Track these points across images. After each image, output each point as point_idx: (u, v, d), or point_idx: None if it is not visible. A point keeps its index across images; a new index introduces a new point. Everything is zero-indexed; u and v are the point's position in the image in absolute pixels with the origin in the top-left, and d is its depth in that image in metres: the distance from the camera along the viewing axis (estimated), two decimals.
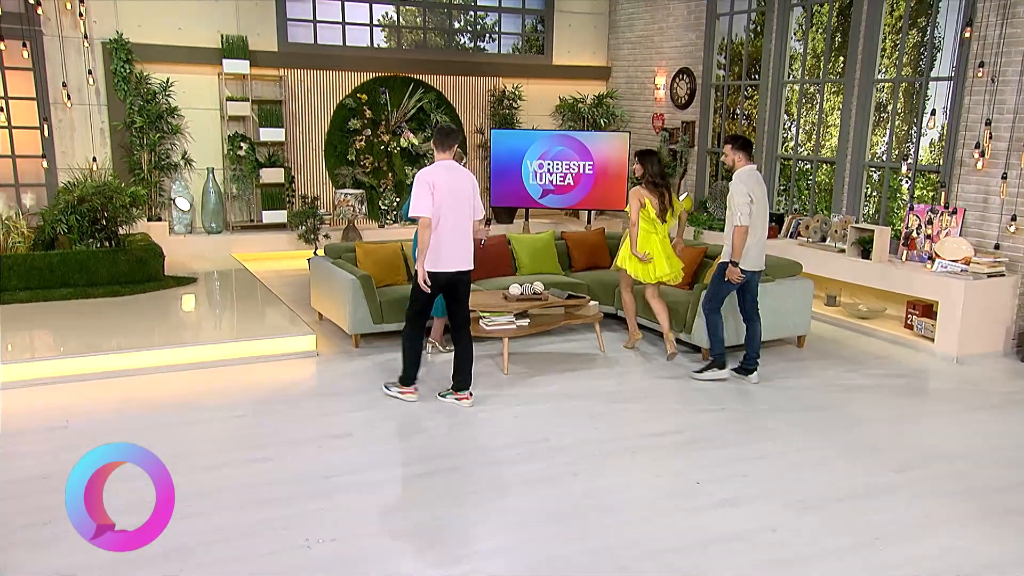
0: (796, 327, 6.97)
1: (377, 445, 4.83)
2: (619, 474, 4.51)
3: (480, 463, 4.60)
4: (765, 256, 6.17)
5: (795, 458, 4.78)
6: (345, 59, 10.71)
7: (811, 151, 9.62)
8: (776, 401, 5.76)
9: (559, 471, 4.52)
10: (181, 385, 5.79)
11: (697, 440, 5.01)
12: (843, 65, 8.85)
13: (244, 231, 10.34)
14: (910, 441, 5.10)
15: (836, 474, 4.58)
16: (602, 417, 5.38)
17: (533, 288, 6.54)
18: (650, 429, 5.19)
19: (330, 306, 7.13)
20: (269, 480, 4.32)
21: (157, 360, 6.05)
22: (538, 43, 12.16)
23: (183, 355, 6.14)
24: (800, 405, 5.71)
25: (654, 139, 11.36)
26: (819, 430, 5.22)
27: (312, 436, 4.94)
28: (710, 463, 4.67)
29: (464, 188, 5.27)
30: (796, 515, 4.08)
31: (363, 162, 10.78)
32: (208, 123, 10.20)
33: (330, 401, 5.57)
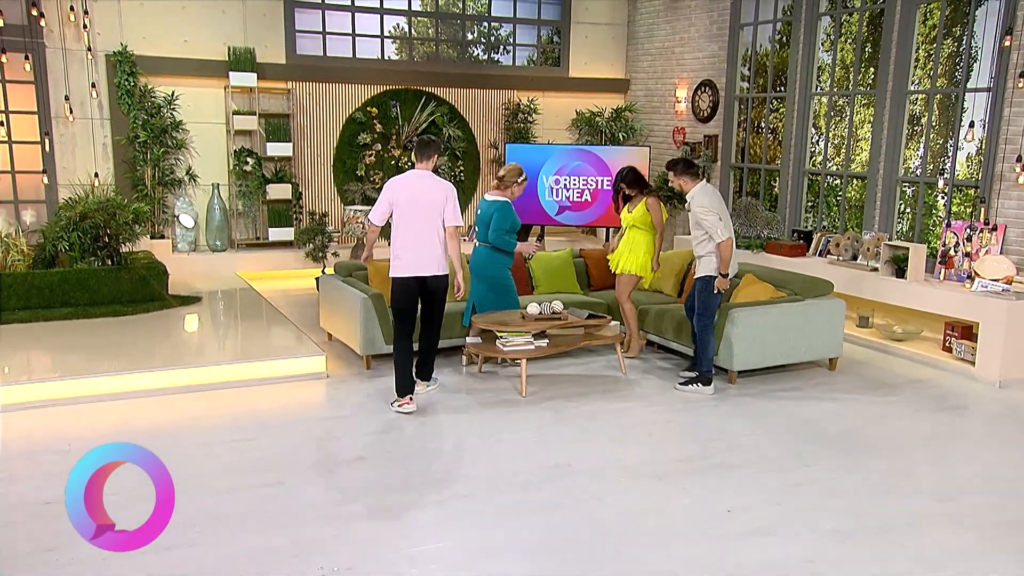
0: (828, 349, 6.96)
1: (392, 469, 4.84)
2: (645, 499, 4.50)
3: (500, 488, 4.60)
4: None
5: (830, 485, 4.75)
6: (355, 71, 10.84)
7: (840, 166, 9.65)
8: (808, 426, 5.75)
9: (582, 496, 4.52)
10: (187, 407, 5.83)
11: (726, 465, 5.00)
12: (874, 76, 8.90)
13: (250, 249, 10.43)
14: (951, 470, 5.07)
15: (874, 502, 4.55)
16: (625, 441, 5.38)
17: (552, 307, 6.57)
18: (676, 453, 5.18)
19: (340, 326, 7.17)
20: (281, 505, 4.34)
21: (161, 382, 6.10)
22: (554, 55, 12.28)
23: (188, 377, 6.18)
24: (833, 431, 5.68)
25: (675, 154, 11.42)
26: (854, 457, 5.20)
27: (324, 460, 4.96)
28: (740, 489, 4.65)
29: (432, 196, 5.64)
30: (834, 544, 4.06)
31: (373, 178, 10.87)
32: (213, 137, 10.33)
33: (342, 424, 5.60)
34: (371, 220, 5.87)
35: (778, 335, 6.66)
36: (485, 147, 11.71)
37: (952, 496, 4.65)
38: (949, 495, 4.66)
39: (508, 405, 6.04)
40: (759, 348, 6.59)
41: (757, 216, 9.87)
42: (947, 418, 6.03)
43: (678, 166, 6.32)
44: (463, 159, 11.42)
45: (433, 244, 5.64)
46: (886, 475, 4.92)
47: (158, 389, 6.06)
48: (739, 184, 10.77)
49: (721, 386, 6.58)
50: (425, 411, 5.87)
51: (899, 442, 5.49)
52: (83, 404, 5.80)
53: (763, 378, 6.80)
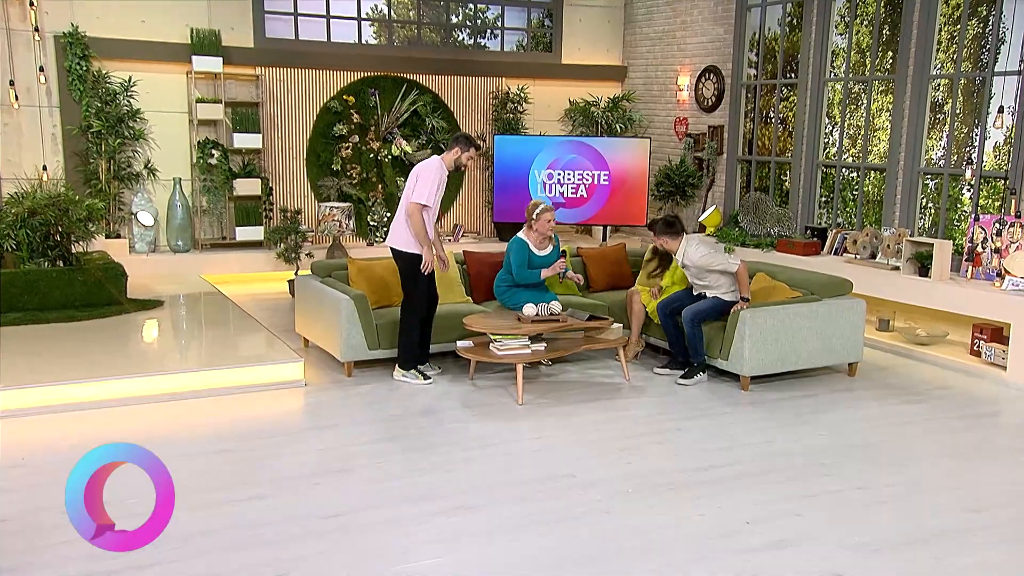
0: (847, 353, 7.05)
1: (382, 482, 4.87)
2: (657, 512, 4.55)
3: (500, 500, 4.64)
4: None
5: (854, 496, 4.82)
6: (330, 57, 10.88)
7: (856, 158, 9.77)
8: (828, 435, 5.82)
9: (589, 508, 4.57)
10: (153, 418, 5.83)
11: (742, 476, 5.06)
12: (892, 60, 9.03)
13: (215, 250, 10.42)
14: (984, 479, 5.15)
15: (903, 514, 4.62)
16: (633, 451, 5.43)
17: (550, 308, 6.62)
18: (688, 464, 5.24)
19: (319, 331, 7.19)
20: (265, 520, 4.35)
21: (124, 392, 6.09)
22: (545, 40, 12.37)
23: (153, 386, 6.18)
24: (855, 439, 5.77)
25: (677, 146, 11.54)
26: (878, 466, 5.28)
27: (309, 472, 4.98)
28: (758, 501, 4.71)
29: (412, 175, 6.56)
30: (862, 558, 4.12)
31: (350, 172, 10.90)
32: (175, 128, 10.32)
33: (326, 434, 5.62)
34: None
35: (793, 338, 6.74)
36: None
37: (983, 508, 4.73)
38: (980, 507, 4.74)
39: (504, 413, 6.09)
40: (773, 352, 6.67)
41: (767, 213, 9.98)
42: (977, 426, 6.13)
43: (656, 227, 6.91)
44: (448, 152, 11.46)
45: (399, 220, 6.57)
46: (913, 486, 5.00)
47: (120, 399, 6.04)
48: (747, 178, 10.89)
49: (733, 392, 6.66)
50: (414, 420, 5.90)
51: (925, 451, 5.57)
52: (35, 416, 5.79)
53: (777, 384, 6.88)
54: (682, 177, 10.99)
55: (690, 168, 11.09)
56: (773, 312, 6.70)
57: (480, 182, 11.89)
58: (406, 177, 11.10)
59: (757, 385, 6.81)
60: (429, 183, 6.40)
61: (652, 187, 11.17)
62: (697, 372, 6.87)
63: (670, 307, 7.03)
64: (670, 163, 11.31)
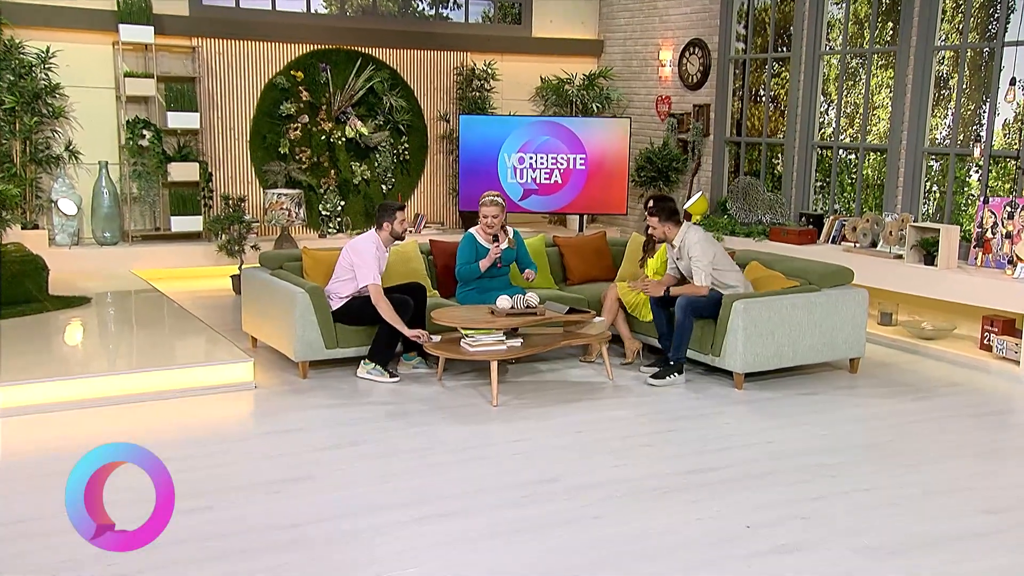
0: (848, 348, 7.17)
1: (348, 489, 4.87)
2: (651, 517, 4.60)
3: (479, 507, 4.66)
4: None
5: (861, 499, 4.91)
6: (276, 27, 10.83)
7: (855, 138, 9.94)
8: (831, 435, 5.92)
9: (578, 514, 4.61)
10: (86, 425, 5.77)
11: (740, 478, 5.13)
12: (893, 31, 9.20)
13: (147, 242, 10.33)
14: (999, 480, 5.27)
15: (915, 516, 4.72)
16: (621, 453, 5.48)
17: (527, 301, 6.65)
18: (682, 465, 5.30)
19: (269, 328, 7.16)
20: (216, 533, 4.33)
21: (47, 396, 6.00)
22: (514, 11, 12.42)
23: (82, 390, 6.11)
24: (860, 439, 5.88)
25: (659, 127, 11.64)
26: (886, 467, 5.38)
27: (263, 481, 4.96)
28: (759, 504, 4.79)
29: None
30: (873, 563, 4.20)
31: (299, 156, 10.86)
32: (100, 105, 10.21)
33: (280, 440, 5.61)
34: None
35: (791, 331, 6.84)
36: (434, 120, 11.77)
37: (998, 510, 4.83)
38: (995, 509, 4.85)
39: (478, 416, 6.12)
40: (769, 347, 6.76)
41: (757, 199, 10.12)
42: (989, 425, 6.27)
43: (657, 208, 6.99)
44: (407, 134, 11.47)
45: (336, 281, 6.99)
46: (922, 487, 5.10)
47: (43, 405, 5.96)
48: (735, 162, 11.02)
49: (726, 391, 6.74)
50: (378, 424, 5.92)
51: (934, 452, 5.69)
52: None
53: (774, 381, 6.98)
54: (665, 161, 11.09)
55: (674, 151, 11.19)
56: (768, 303, 6.79)
57: (444, 167, 11.90)
58: (362, 162, 11.18)
59: (752, 383, 6.90)
60: (368, 261, 6.73)
61: (633, 172, 11.26)
62: (671, 372, 6.87)
63: (662, 297, 7.09)
64: (652, 146, 11.41)
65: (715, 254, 6.95)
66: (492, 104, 11.87)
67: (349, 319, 6.85)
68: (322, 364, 7.00)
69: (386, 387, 6.66)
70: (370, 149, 11.23)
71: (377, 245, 6.88)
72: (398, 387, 6.67)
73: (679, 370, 6.89)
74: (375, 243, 6.88)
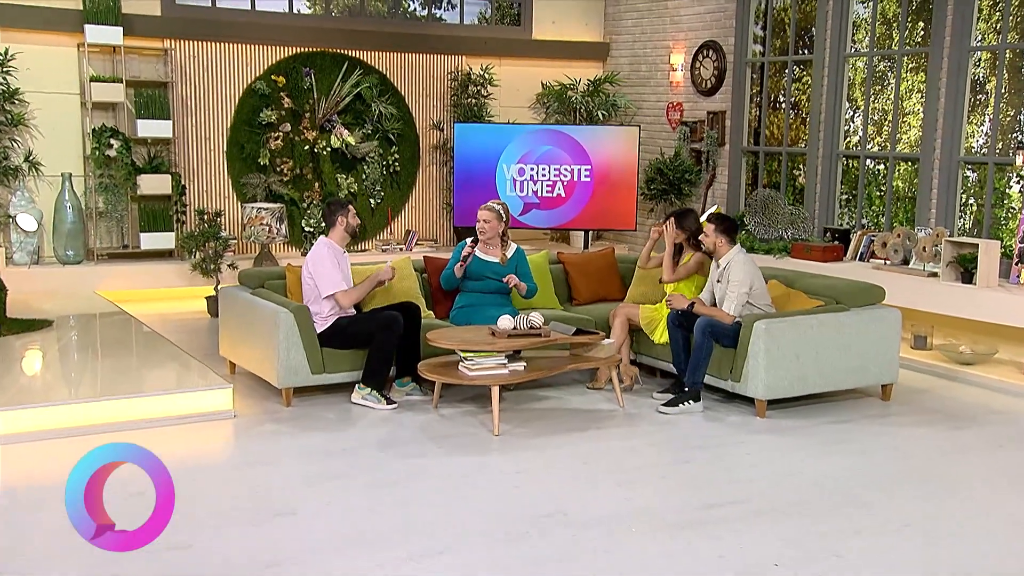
0: (880, 373, 7.16)
1: (335, 524, 4.86)
2: (667, 554, 4.59)
3: (476, 543, 4.66)
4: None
5: (905, 534, 4.91)
6: (255, 28, 10.89)
7: (883, 146, 9.98)
8: (862, 466, 5.92)
9: (585, 548, 4.60)
10: (53, 456, 5.75)
11: (765, 512, 5.13)
12: (924, 32, 9.25)
13: (114, 261, 10.32)
14: None
15: (958, 554, 4.71)
16: (633, 485, 5.48)
17: (530, 321, 6.66)
18: (700, 499, 5.30)
19: (250, 353, 7.16)
20: (192, 572, 4.32)
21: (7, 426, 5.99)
22: (513, 12, 12.51)
23: (43, 419, 6.09)
24: (897, 470, 5.87)
25: (670, 136, 11.69)
26: (925, 500, 5.37)
27: (242, 516, 4.96)
28: (788, 540, 4.78)
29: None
30: None
31: (280, 167, 10.89)
32: (64, 112, 10.22)
33: (262, 472, 5.60)
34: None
35: (817, 354, 6.84)
36: (427, 128, 11.82)
37: None
38: None
39: (477, 445, 6.11)
40: (794, 371, 6.76)
41: (778, 213, 10.15)
42: None
43: (724, 223, 7.09)
44: (398, 144, 11.50)
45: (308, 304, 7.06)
46: (966, 522, 5.09)
47: (5, 436, 5.94)
48: (753, 173, 11.06)
49: (746, 419, 6.74)
50: (368, 454, 5.92)
51: (975, 484, 5.69)
52: None
53: (799, 409, 6.97)
54: (677, 172, 11.14)
55: (686, 162, 11.24)
56: (792, 323, 6.80)
57: (438, 180, 11.94)
58: (348, 174, 11.21)
59: (775, 411, 6.89)
60: (327, 269, 6.82)
61: (642, 184, 11.30)
62: (686, 399, 6.85)
63: (680, 317, 7.03)
64: (662, 156, 11.46)
65: (754, 286, 6.96)
66: (489, 112, 11.92)
67: (337, 342, 6.85)
68: (307, 391, 6.98)
69: (377, 415, 6.65)
70: (357, 160, 11.26)
71: (330, 247, 6.93)
72: (390, 415, 6.67)
73: (695, 397, 6.88)
74: (327, 246, 6.93)
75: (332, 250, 6.92)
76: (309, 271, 6.89)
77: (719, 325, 6.83)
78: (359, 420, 6.58)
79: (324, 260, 6.83)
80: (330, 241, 7.00)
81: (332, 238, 7.03)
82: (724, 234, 7.04)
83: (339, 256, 6.94)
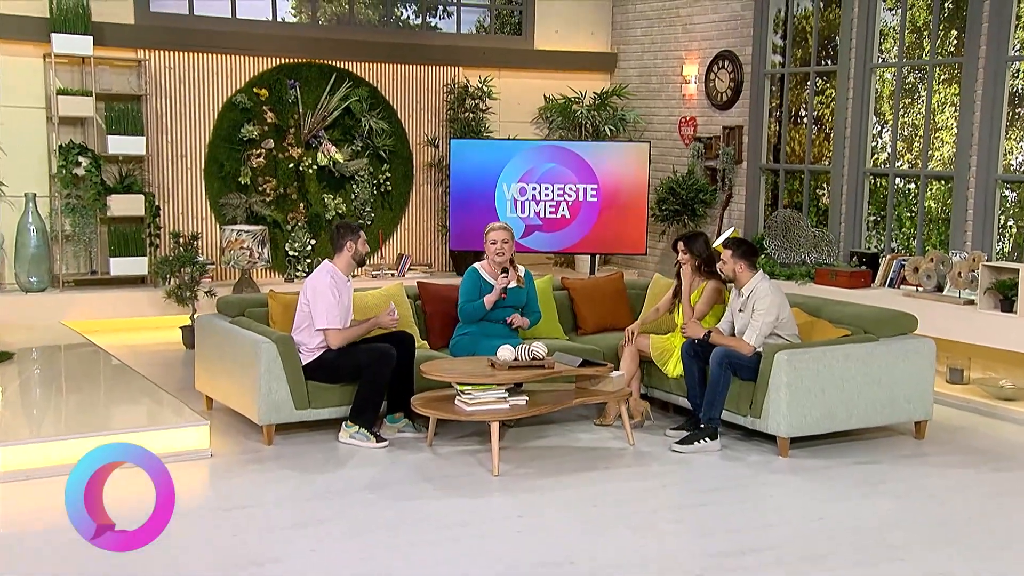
0: (913, 409, 7.13)
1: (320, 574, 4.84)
2: None
3: None
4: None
5: None
6: (236, 38, 10.93)
7: (914, 164, 10.00)
8: (895, 511, 5.89)
9: None
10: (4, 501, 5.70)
11: (788, 562, 5.09)
12: (957, 41, 9.30)
13: (82, 288, 10.32)
14: None
15: None
16: (646, 531, 5.45)
17: (532, 351, 6.64)
18: (719, 546, 5.27)
19: (228, 387, 7.14)
20: None
21: None
22: (513, 20, 12.57)
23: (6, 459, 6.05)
24: (930, 516, 5.83)
25: (683, 153, 11.71)
26: (963, 549, 5.34)
27: (219, 565, 4.93)
28: None
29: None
30: None
31: (262, 187, 10.90)
32: (28, 128, 10.23)
33: (240, 517, 5.57)
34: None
35: (844, 389, 6.81)
36: (421, 145, 11.84)
37: None
38: None
39: (476, 487, 6.08)
40: (819, 407, 6.73)
41: (800, 235, 10.14)
42: None
43: (742, 247, 7.11)
44: (389, 162, 11.52)
45: (297, 332, 7.03)
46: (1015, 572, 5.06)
47: None
48: (773, 192, 11.07)
49: (767, 459, 6.71)
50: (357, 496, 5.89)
51: (1019, 531, 5.66)
52: None
53: (824, 448, 6.94)
54: (691, 192, 11.15)
55: (700, 180, 11.25)
56: (817, 355, 6.77)
57: (433, 200, 11.95)
58: (335, 194, 11.21)
59: (799, 449, 6.86)
60: (326, 301, 6.76)
61: (653, 205, 11.32)
62: (702, 437, 6.83)
63: (696, 347, 7.04)
64: (675, 174, 11.47)
65: (781, 316, 6.95)
66: (488, 127, 11.95)
67: (323, 375, 6.83)
68: (291, 428, 6.95)
69: (367, 455, 6.61)
70: (345, 179, 11.27)
71: (333, 275, 6.87)
72: (381, 454, 6.63)
73: (711, 434, 6.85)
74: (330, 274, 6.87)
75: (335, 279, 6.86)
76: (307, 297, 6.85)
77: (738, 356, 6.82)
78: (347, 460, 6.54)
79: (325, 290, 6.76)
80: (334, 268, 6.94)
81: (337, 264, 6.97)
82: (743, 259, 7.02)
83: (341, 286, 6.89)
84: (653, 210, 11.34)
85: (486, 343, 7.11)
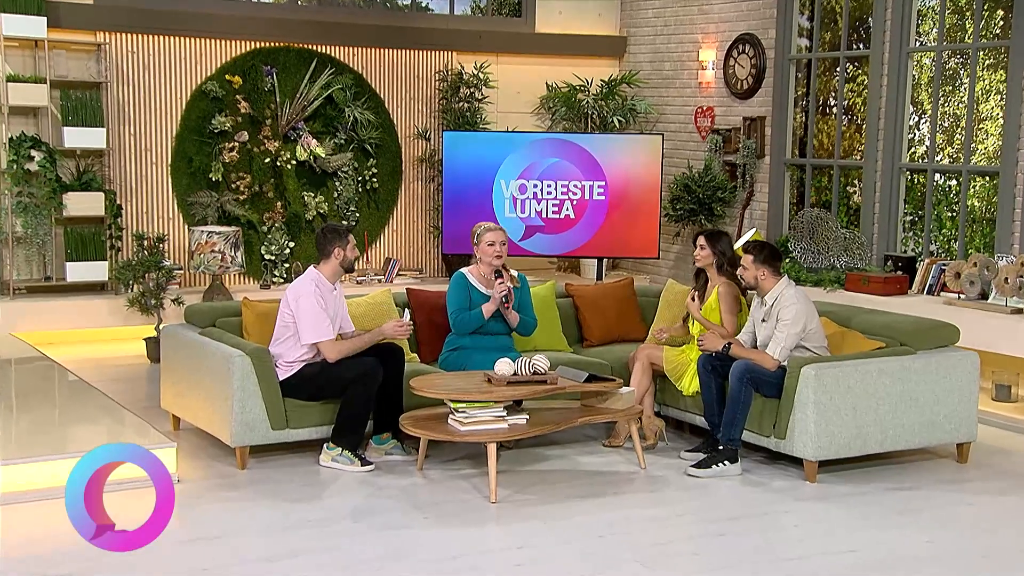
0: (954, 430, 7.11)
1: None
2: None
3: None
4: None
5: None
6: (207, 20, 10.94)
7: (955, 158, 10.00)
8: (935, 542, 5.87)
9: None
10: None
11: None
12: (1003, 22, 9.30)
13: (34, 296, 10.32)
14: None
15: None
16: (660, 563, 5.44)
17: (533, 365, 6.63)
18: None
19: (197, 405, 7.13)
20: None
21: None
22: (512, 1, 12.57)
23: None
24: (974, 547, 5.83)
25: (699, 146, 11.71)
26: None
27: None
28: None
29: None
30: None
31: (236, 184, 10.91)
32: None
33: (210, 550, 5.56)
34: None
35: (877, 407, 6.80)
36: (410, 138, 11.85)
37: None
38: None
39: (471, 515, 6.07)
40: (849, 427, 6.71)
41: (829, 237, 10.14)
42: None
43: (764, 251, 7.10)
44: (376, 156, 11.53)
45: (276, 345, 7.04)
46: None
47: None
48: (799, 190, 11.07)
49: (793, 484, 6.70)
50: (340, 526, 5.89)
51: None
52: None
53: (855, 472, 6.92)
54: (707, 189, 11.15)
55: (718, 177, 11.25)
56: (848, 369, 6.76)
57: (423, 198, 11.95)
58: (316, 191, 11.21)
59: (828, 474, 6.85)
60: (312, 312, 6.77)
61: (666, 203, 11.32)
62: (720, 460, 6.81)
63: (714, 361, 7.02)
64: (690, 170, 11.48)
65: (808, 326, 6.95)
66: (485, 118, 11.97)
67: (303, 392, 6.83)
68: (267, 450, 6.95)
69: (351, 479, 6.60)
70: (327, 175, 11.28)
71: (318, 283, 6.87)
72: (366, 478, 6.63)
73: (731, 457, 6.83)
74: (315, 282, 6.88)
75: (320, 287, 6.86)
76: (289, 307, 6.85)
77: (760, 371, 6.81)
78: (329, 485, 6.53)
79: (309, 299, 6.76)
80: (319, 275, 6.93)
81: (322, 271, 6.96)
82: (765, 264, 7.02)
83: (326, 295, 6.88)
84: (666, 209, 11.34)
85: (479, 358, 7.10)
